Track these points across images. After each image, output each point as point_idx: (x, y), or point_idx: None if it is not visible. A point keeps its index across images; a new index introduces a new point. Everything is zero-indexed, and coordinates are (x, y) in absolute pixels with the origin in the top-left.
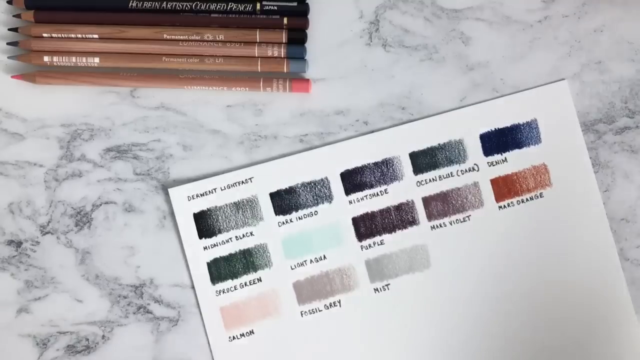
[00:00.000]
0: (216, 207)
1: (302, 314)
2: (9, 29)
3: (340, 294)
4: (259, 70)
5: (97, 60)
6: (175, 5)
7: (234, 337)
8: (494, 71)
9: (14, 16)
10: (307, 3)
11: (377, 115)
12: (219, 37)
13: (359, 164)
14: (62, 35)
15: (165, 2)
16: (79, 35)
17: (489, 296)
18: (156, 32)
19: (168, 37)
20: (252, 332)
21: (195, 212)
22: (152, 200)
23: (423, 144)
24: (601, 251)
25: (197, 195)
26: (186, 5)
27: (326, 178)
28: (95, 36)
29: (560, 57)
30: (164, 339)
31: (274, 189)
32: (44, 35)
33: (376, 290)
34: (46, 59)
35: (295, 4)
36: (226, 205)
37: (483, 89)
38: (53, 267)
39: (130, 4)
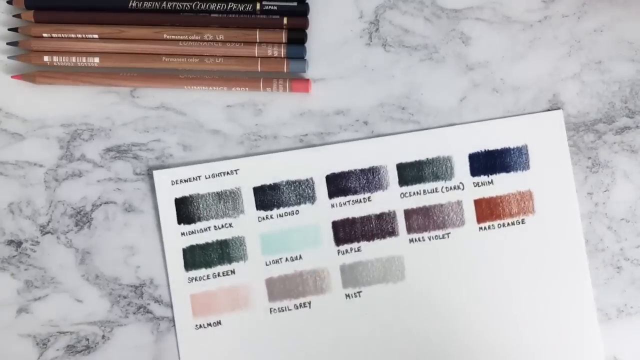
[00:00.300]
0: (199, 194)
1: (271, 311)
2: (9, 29)
3: (312, 295)
4: (259, 70)
5: (97, 60)
6: (175, 5)
7: (200, 326)
8: (494, 71)
9: (14, 16)
10: (307, 3)
11: (377, 115)
12: (219, 37)
13: (345, 169)
14: (62, 35)
15: (165, 2)
16: (79, 35)
17: (460, 314)
18: (156, 32)
19: (168, 37)
20: (219, 322)
21: (177, 197)
22: (152, 200)
23: (412, 156)
24: (575, 285)
25: (181, 181)
26: (186, 5)
27: (311, 179)
28: (95, 36)
29: (560, 57)
30: (164, 339)
31: (258, 184)
32: (44, 35)
33: (347, 296)
34: (46, 59)
35: (295, 4)
36: (209, 194)
37: (483, 89)
38: (53, 267)
39: (130, 4)
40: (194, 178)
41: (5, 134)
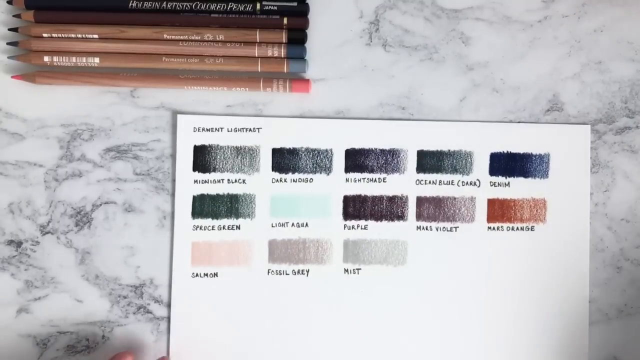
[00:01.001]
0: (218, 145)
1: (268, 272)
2: (9, 29)
3: (311, 264)
4: (259, 70)
5: (97, 60)
6: (175, 5)
7: (197, 274)
8: (494, 71)
9: (14, 16)
10: (307, 3)
11: (377, 115)
12: (219, 37)
13: (366, 146)
14: (62, 35)
15: (165, 2)
16: (79, 35)
17: (454, 306)
18: (156, 32)
19: (168, 37)
20: (216, 274)
21: (197, 144)
22: (152, 200)
23: (434, 145)
24: (574, 299)
25: (204, 129)
26: (186, 5)
27: (331, 150)
28: (95, 36)
29: (560, 57)
30: (164, 339)
31: (278, 145)
32: (44, 35)
33: (346, 271)
34: (46, 59)
35: (295, 4)
36: (228, 146)
37: (483, 89)
38: (53, 267)
39: (130, 4)
40: (216, 129)
41: (5, 134)
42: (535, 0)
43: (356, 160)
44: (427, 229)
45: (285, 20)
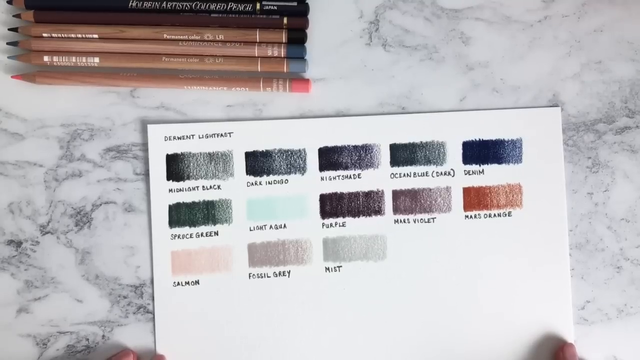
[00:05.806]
0: (190, 153)
1: (250, 276)
2: (9, 29)
3: (292, 265)
4: (259, 70)
5: (97, 60)
6: (175, 5)
7: (178, 283)
8: (494, 71)
9: (14, 16)
10: (307, 3)
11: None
12: (219, 37)
13: (338, 144)
14: (62, 35)
15: (165, 2)
16: (79, 35)
17: (437, 297)
18: (156, 32)
19: (168, 37)
20: (197, 282)
21: (169, 153)
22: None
23: (406, 138)
24: (555, 282)
25: (175, 137)
26: (186, 5)
27: (304, 150)
28: (95, 36)
29: (560, 57)
30: None
31: (250, 149)
32: (44, 35)
33: (327, 269)
34: (46, 59)
35: (295, 3)
36: (200, 153)
37: (483, 89)
38: (53, 267)
39: (130, 4)
40: (187, 136)
41: (5, 134)
42: (535, 0)
43: (330, 158)
44: (404, 221)
45: (285, 20)
